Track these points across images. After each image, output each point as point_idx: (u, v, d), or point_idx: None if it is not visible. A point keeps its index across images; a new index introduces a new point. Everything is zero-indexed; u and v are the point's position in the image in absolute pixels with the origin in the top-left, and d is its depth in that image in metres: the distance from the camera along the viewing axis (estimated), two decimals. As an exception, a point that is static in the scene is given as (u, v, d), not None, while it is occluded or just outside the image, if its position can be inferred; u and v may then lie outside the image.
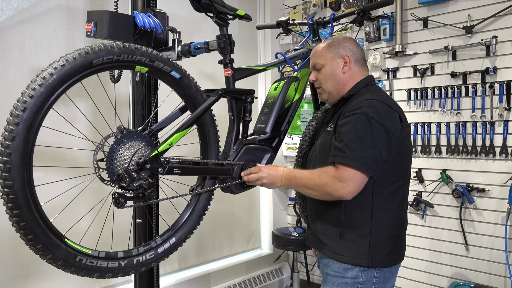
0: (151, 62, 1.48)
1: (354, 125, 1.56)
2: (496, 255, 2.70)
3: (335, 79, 1.73)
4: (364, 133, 1.55)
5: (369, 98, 1.62)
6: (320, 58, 1.75)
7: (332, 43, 1.77)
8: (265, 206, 3.86)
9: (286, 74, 3.46)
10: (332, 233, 1.68)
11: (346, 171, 1.53)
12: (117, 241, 1.77)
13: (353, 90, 1.72)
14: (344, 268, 1.64)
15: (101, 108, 1.82)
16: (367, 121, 1.55)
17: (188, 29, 3.12)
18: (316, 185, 1.59)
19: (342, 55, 1.73)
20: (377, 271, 1.63)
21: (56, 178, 1.68)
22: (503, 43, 2.65)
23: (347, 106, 1.67)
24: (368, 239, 1.62)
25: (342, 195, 1.56)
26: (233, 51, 1.76)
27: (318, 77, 1.77)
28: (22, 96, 1.24)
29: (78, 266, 1.37)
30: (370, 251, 1.62)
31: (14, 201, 1.23)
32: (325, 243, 1.70)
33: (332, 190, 1.56)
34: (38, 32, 2.40)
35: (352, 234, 1.64)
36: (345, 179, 1.53)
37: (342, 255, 1.64)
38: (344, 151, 1.54)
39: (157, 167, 1.46)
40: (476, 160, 2.78)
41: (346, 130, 1.57)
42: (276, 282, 3.73)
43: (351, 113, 1.59)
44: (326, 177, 1.56)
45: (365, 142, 1.54)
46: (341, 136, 1.58)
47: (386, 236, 1.66)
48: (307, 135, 2.20)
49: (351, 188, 1.54)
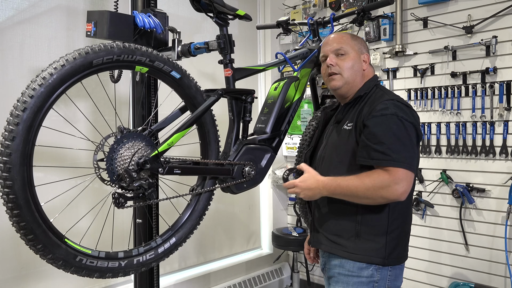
0: (151, 62, 1.48)
1: (389, 127, 1.57)
2: (496, 255, 2.70)
3: (356, 73, 1.75)
4: (401, 133, 1.57)
5: (390, 98, 1.65)
6: (346, 45, 1.75)
7: (355, 37, 1.80)
8: (265, 206, 3.86)
9: (286, 74, 3.46)
10: (346, 233, 1.67)
11: (398, 172, 1.53)
12: (117, 241, 1.77)
13: (365, 88, 1.75)
14: (360, 267, 1.64)
15: (101, 108, 1.82)
16: (400, 121, 1.58)
17: (188, 29, 3.12)
18: (369, 191, 1.55)
19: (363, 52, 1.79)
20: (390, 269, 1.65)
21: (56, 178, 1.68)
22: (503, 43, 2.65)
23: (364, 105, 1.68)
24: (385, 237, 1.64)
25: (398, 197, 1.55)
26: (233, 51, 1.76)
27: (339, 63, 1.75)
28: (22, 96, 1.24)
29: (78, 266, 1.37)
30: (386, 249, 1.63)
31: (14, 201, 1.23)
32: (339, 243, 1.69)
33: (388, 194, 1.54)
34: (38, 32, 2.40)
35: (368, 233, 1.64)
36: (400, 180, 1.53)
37: (358, 254, 1.64)
38: (388, 154, 1.54)
39: (157, 167, 1.46)
40: (476, 160, 2.78)
41: (381, 131, 1.57)
42: (276, 282, 3.73)
43: (379, 113, 1.59)
44: (381, 181, 1.54)
45: (404, 142, 1.57)
46: (378, 138, 1.56)
47: (400, 233, 1.68)
48: (307, 135, 2.20)
49: (406, 188, 1.55)
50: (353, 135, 1.66)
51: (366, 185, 1.55)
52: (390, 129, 1.57)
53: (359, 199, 1.60)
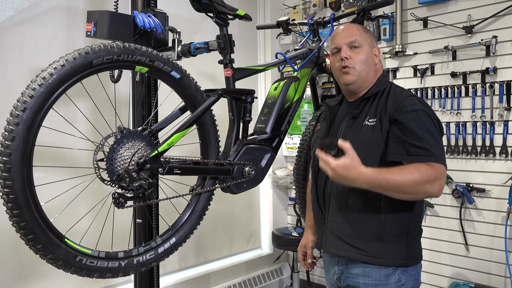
0: (151, 62, 1.48)
1: (423, 123, 1.54)
2: (496, 255, 2.70)
3: (370, 66, 1.70)
4: (433, 130, 1.55)
5: (411, 94, 1.63)
6: (360, 38, 1.68)
7: (366, 30, 1.73)
8: (265, 206, 3.86)
9: (286, 74, 3.46)
10: (367, 236, 1.59)
11: (441, 167, 1.50)
12: (117, 241, 1.77)
13: (382, 83, 1.70)
14: (386, 274, 1.58)
15: (101, 108, 1.82)
16: (429, 118, 1.56)
17: (188, 29, 3.12)
18: (417, 185, 1.46)
19: (375, 46, 1.74)
20: (412, 269, 1.62)
21: (56, 178, 1.68)
22: (503, 43, 2.65)
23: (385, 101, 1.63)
24: (406, 237, 1.60)
25: (437, 193, 1.51)
26: (233, 51, 1.76)
27: (353, 56, 1.67)
28: (22, 96, 1.24)
29: (78, 266, 1.37)
30: (408, 249, 1.60)
31: (14, 201, 1.23)
32: (359, 247, 1.60)
33: (432, 189, 1.49)
34: (38, 32, 2.40)
35: (391, 234, 1.58)
36: (442, 175, 1.51)
37: (382, 258, 1.57)
38: (429, 150, 1.50)
39: (157, 167, 1.46)
40: (476, 160, 2.78)
41: (417, 127, 1.53)
42: (276, 282, 3.73)
43: (410, 109, 1.55)
44: (428, 175, 1.47)
45: (437, 138, 1.55)
46: (416, 134, 1.51)
47: (418, 232, 1.67)
48: (307, 135, 2.20)
49: (443, 184, 1.53)
50: (378, 131, 1.59)
51: (415, 178, 1.45)
52: (424, 125, 1.53)
53: (401, 194, 1.50)
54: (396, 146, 1.54)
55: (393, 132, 1.56)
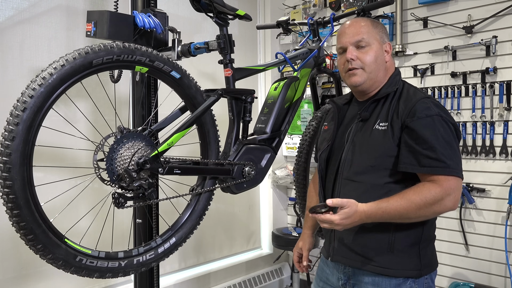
0: (151, 62, 1.48)
1: (437, 129, 1.44)
2: (496, 255, 2.70)
3: (380, 66, 1.58)
4: (449, 137, 1.45)
5: (426, 96, 1.53)
6: (367, 36, 1.56)
7: (376, 24, 1.60)
8: (265, 206, 3.85)
9: (286, 74, 3.46)
10: (378, 245, 1.53)
11: (450, 181, 1.42)
12: (117, 241, 1.77)
13: (394, 83, 1.59)
14: (397, 284, 1.52)
15: (101, 108, 1.82)
16: (445, 124, 1.46)
17: (188, 29, 3.12)
18: (421, 210, 1.41)
19: (385, 41, 1.61)
20: (426, 278, 1.55)
21: (56, 178, 1.68)
22: (503, 43, 2.65)
23: (397, 103, 1.53)
24: (418, 247, 1.53)
25: (451, 209, 1.44)
26: (233, 51, 1.76)
27: (361, 56, 1.56)
28: (22, 96, 1.24)
29: (78, 266, 1.37)
30: (420, 259, 1.53)
31: (14, 201, 1.23)
32: (369, 257, 1.54)
33: (442, 208, 1.42)
34: (38, 32, 2.40)
35: (403, 244, 1.52)
36: (452, 190, 1.42)
37: (393, 268, 1.51)
38: (443, 161, 1.41)
39: (157, 167, 1.46)
40: (476, 160, 2.78)
41: (430, 135, 1.43)
42: (276, 282, 3.73)
43: (424, 114, 1.45)
44: (433, 196, 1.40)
45: (453, 146, 1.45)
46: (429, 143, 1.43)
47: (431, 240, 1.61)
48: (307, 135, 2.20)
49: (458, 197, 1.45)
50: (389, 137, 1.50)
51: (417, 204, 1.40)
52: (438, 132, 1.44)
53: (409, 220, 1.46)
54: (407, 156, 1.46)
55: (404, 139, 1.47)
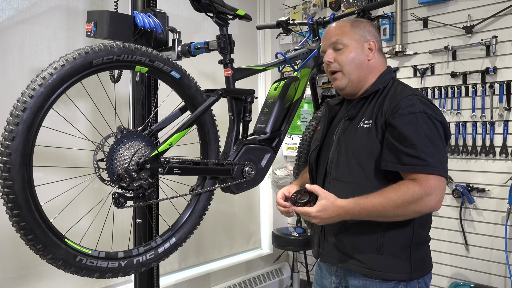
0: (151, 62, 1.48)
1: (420, 126, 1.41)
2: (496, 255, 2.70)
3: (360, 65, 1.55)
4: (432, 134, 1.42)
5: (413, 93, 1.49)
6: (344, 37, 1.55)
7: (356, 23, 1.58)
8: (265, 206, 3.86)
9: (286, 74, 3.46)
10: (367, 247, 1.49)
11: (430, 180, 1.38)
12: (117, 241, 1.77)
13: (382, 81, 1.56)
14: (387, 287, 1.48)
15: (101, 108, 1.82)
16: (430, 120, 1.43)
17: (188, 29, 3.12)
18: (399, 209, 1.38)
19: (367, 39, 1.57)
20: (418, 281, 1.51)
21: (56, 178, 1.68)
22: (503, 43, 2.65)
23: (383, 101, 1.51)
24: (409, 250, 1.49)
25: (432, 208, 1.42)
26: (233, 51, 1.76)
27: (338, 58, 1.55)
28: (22, 96, 1.24)
29: (78, 266, 1.37)
30: (411, 262, 1.49)
31: (14, 201, 1.23)
32: (357, 258, 1.51)
33: (421, 207, 1.39)
34: (38, 32, 2.40)
35: (392, 246, 1.48)
36: (433, 189, 1.38)
37: (381, 271, 1.48)
38: (423, 159, 1.38)
39: (157, 167, 1.46)
40: (476, 160, 2.78)
41: (411, 132, 1.40)
42: (276, 282, 3.73)
43: (407, 111, 1.42)
44: (411, 195, 1.37)
45: (436, 144, 1.41)
46: (410, 141, 1.40)
47: (424, 242, 1.56)
48: (307, 135, 2.20)
49: (440, 196, 1.41)
50: (373, 135, 1.48)
51: (395, 202, 1.37)
52: (420, 129, 1.40)
53: (389, 218, 1.43)
54: (389, 154, 1.44)
55: (387, 137, 1.45)
